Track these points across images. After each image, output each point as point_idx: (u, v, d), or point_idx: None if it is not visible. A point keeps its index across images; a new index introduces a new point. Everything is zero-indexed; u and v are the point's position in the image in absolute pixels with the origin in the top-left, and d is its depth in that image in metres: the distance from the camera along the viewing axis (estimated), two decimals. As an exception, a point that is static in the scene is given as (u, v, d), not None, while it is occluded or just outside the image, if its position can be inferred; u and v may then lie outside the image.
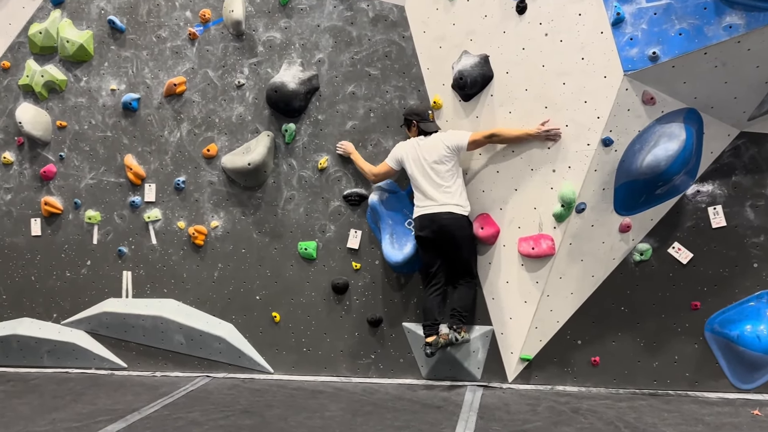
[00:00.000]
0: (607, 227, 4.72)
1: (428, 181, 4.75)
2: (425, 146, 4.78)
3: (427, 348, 4.86)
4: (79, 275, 5.91)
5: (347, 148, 5.21)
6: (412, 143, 4.87)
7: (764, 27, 3.93)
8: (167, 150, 5.69)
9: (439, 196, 4.73)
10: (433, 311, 4.90)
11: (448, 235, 4.74)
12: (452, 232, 4.74)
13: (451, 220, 4.72)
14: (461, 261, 4.88)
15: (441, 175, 4.73)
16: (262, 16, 5.42)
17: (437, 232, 4.74)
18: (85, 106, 5.82)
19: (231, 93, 5.52)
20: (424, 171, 4.76)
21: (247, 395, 5.01)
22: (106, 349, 5.85)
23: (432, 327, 4.88)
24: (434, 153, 4.74)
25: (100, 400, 4.98)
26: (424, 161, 4.76)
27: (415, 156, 4.80)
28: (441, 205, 4.72)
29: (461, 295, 4.92)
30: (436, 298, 4.91)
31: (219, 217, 5.61)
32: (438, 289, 4.93)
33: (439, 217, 4.71)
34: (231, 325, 5.62)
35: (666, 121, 4.45)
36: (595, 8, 4.38)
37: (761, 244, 4.64)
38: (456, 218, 4.73)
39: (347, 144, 5.22)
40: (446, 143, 4.72)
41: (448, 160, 4.73)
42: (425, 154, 4.76)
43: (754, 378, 4.69)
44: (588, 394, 4.81)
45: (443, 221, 4.71)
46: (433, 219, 4.73)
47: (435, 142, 4.76)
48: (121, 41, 5.73)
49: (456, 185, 4.76)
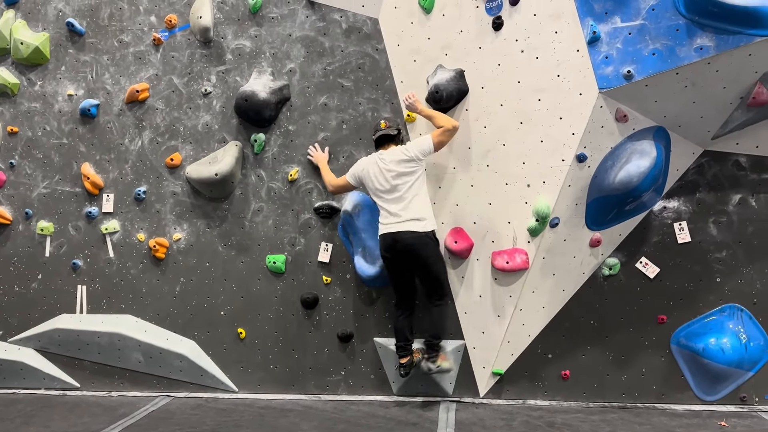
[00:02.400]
0: (579, 242, 4.79)
1: (391, 195, 4.56)
2: (388, 159, 4.60)
3: (402, 369, 4.77)
4: (29, 290, 5.58)
5: (318, 157, 5.08)
6: (373, 158, 4.70)
7: (733, 49, 4.08)
8: (127, 159, 5.45)
9: (402, 212, 4.53)
10: (403, 331, 4.80)
11: (413, 254, 4.55)
12: (416, 251, 4.54)
13: (415, 239, 4.52)
14: (430, 279, 4.69)
15: (405, 189, 4.54)
16: (231, 24, 5.29)
17: (402, 252, 4.56)
18: (39, 112, 5.53)
19: (197, 101, 5.35)
20: (388, 185, 4.56)
21: (212, 415, 4.81)
22: (57, 368, 5.53)
23: (404, 348, 4.79)
24: (399, 165, 4.56)
25: (54, 423, 4.68)
26: (387, 174, 4.57)
27: (377, 171, 4.61)
28: (404, 222, 4.52)
29: (434, 320, 4.75)
30: (406, 320, 4.81)
31: (182, 229, 5.40)
32: (407, 310, 4.83)
33: (402, 237, 4.52)
34: (193, 342, 5.40)
35: (637, 139, 4.56)
36: (572, 26, 4.46)
37: (724, 259, 4.80)
38: (419, 236, 4.52)
39: (319, 154, 5.10)
40: (411, 152, 4.54)
41: (414, 171, 4.55)
42: (388, 167, 4.58)
43: (717, 390, 4.82)
44: (560, 408, 4.83)
45: (407, 240, 4.51)
46: (396, 238, 4.53)
47: (397, 154, 4.59)
48: (79, 45, 5.48)
49: (420, 199, 4.58)
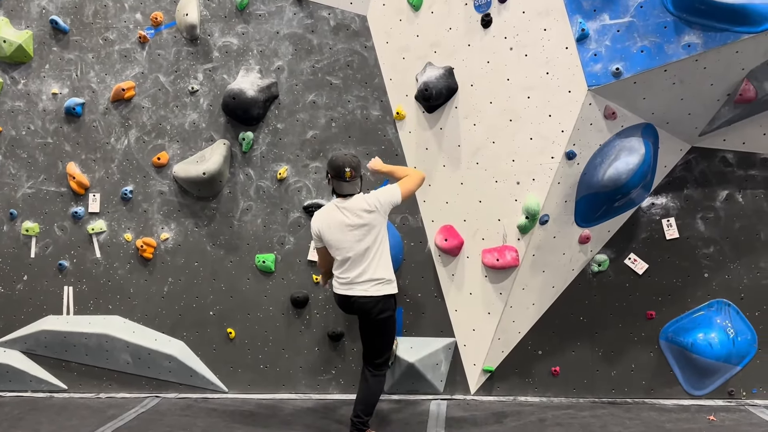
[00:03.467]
0: (568, 239, 4.81)
1: (352, 250, 4.06)
2: (349, 208, 4.09)
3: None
4: (14, 291, 5.50)
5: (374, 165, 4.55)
6: (329, 208, 4.18)
7: (720, 47, 4.10)
8: (113, 158, 5.39)
9: (362, 270, 4.06)
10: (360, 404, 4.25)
11: (367, 317, 4.13)
12: (371, 315, 4.11)
13: (371, 304, 4.07)
14: (375, 346, 4.23)
15: (368, 244, 4.06)
16: (218, 21, 5.24)
17: (355, 312, 4.18)
18: (23, 111, 5.44)
19: (184, 99, 5.30)
20: (349, 237, 4.06)
21: (203, 416, 4.78)
22: (44, 371, 5.46)
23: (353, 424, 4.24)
24: (362, 215, 4.07)
25: (42, 426, 4.62)
26: (348, 225, 4.06)
27: (338, 221, 4.09)
28: (364, 283, 4.07)
29: (367, 394, 4.22)
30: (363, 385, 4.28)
31: (170, 228, 5.35)
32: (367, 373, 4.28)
33: (358, 301, 4.09)
34: (182, 343, 5.36)
35: (625, 136, 4.58)
36: (560, 24, 4.46)
37: (711, 255, 4.84)
38: (375, 301, 4.07)
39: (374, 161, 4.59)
40: (377, 203, 4.08)
41: (378, 223, 4.09)
42: (349, 217, 4.07)
43: (705, 384, 4.87)
44: (550, 404, 4.86)
45: (363, 306, 4.09)
46: (353, 303, 4.12)
47: (359, 203, 4.10)
48: (64, 43, 5.40)
49: (383, 253, 4.13)
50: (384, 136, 5.05)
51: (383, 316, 4.11)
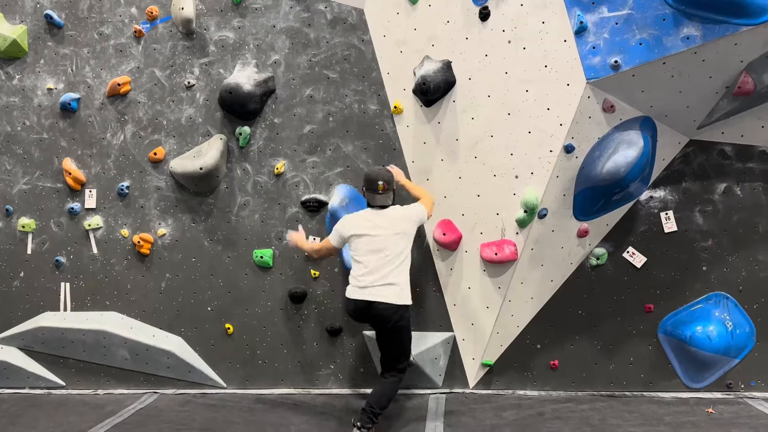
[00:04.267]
0: (567, 232, 4.80)
1: (380, 253, 4.21)
2: (384, 216, 4.32)
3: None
4: (11, 288, 5.47)
5: (294, 238, 4.78)
6: (364, 215, 4.38)
7: (719, 39, 4.09)
8: (110, 153, 5.36)
9: (384, 274, 4.18)
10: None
11: (382, 326, 4.27)
12: (386, 324, 4.23)
13: (390, 312, 4.18)
14: (392, 352, 4.35)
15: (393, 254, 4.22)
16: (214, 15, 5.21)
17: (372, 320, 4.28)
18: (18, 106, 5.40)
19: (180, 94, 5.26)
20: (379, 243, 4.23)
21: (202, 411, 4.77)
22: (41, 367, 5.44)
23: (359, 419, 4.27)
24: (396, 224, 4.29)
25: (40, 423, 4.61)
26: (381, 231, 4.25)
27: (372, 224, 4.29)
28: (385, 287, 4.18)
29: (383, 391, 4.29)
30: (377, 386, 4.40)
31: (167, 224, 5.33)
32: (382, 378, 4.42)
33: (377, 308, 4.18)
34: (180, 339, 5.34)
35: (624, 129, 4.56)
36: (559, 17, 4.44)
37: (709, 248, 4.84)
38: (394, 309, 4.18)
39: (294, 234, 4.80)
40: (411, 215, 4.36)
41: (408, 234, 4.32)
42: (383, 225, 4.28)
43: (704, 377, 4.88)
44: (549, 398, 4.86)
45: (382, 312, 4.18)
46: (369, 308, 4.20)
47: (394, 213, 4.35)
48: (59, 37, 5.36)
49: (406, 264, 4.29)
50: (382, 130, 5.03)
51: (401, 323, 4.24)
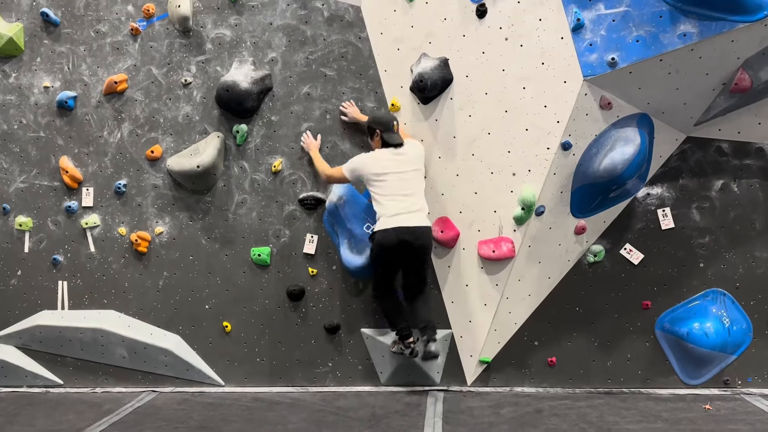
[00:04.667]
0: (564, 229, 4.80)
1: (405, 190, 4.58)
2: (404, 157, 4.62)
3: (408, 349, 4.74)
4: (9, 286, 5.46)
5: (310, 144, 5.03)
6: (385, 155, 4.63)
7: (716, 36, 4.10)
8: (107, 151, 5.34)
9: (415, 206, 4.57)
10: (405, 313, 4.80)
11: (422, 249, 4.62)
12: (425, 246, 4.63)
13: (426, 236, 4.61)
14: (423, 273, 4.79)
15: (417, 186, 4.63)
16: (211, 13, 5.19)
17: (412, 244, 4.54)
18: (14, 104, 5.39)
19: (177, 92, 5.25)
20: (404, 181, 4.58)
21: (200, 410, 4.76)
22: (39, 365, 5.42)
23: (408, 329, 4.77)
24: (415, 162, 4.65)
25: (38, 421, 4.60)
26: (403, 171, 4.59)
27: (394, 166, 4.58)
28: (415, 213, 4.56)
29: (427, 303, 4.85)
30: (402, 302, 4.84)
31: (164, 222, 5.32)
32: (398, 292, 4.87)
33: (416, 232, 4.53)
34: (178, 337, 5.34)
35: (621, 126, 4.57)
36: (556, 14, 4.44)
37: (706, 245, 4.85)
38: (428, 232, 4.64)
39: (311, 141, 5.04)
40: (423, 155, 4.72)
41: (423, 172, 4.72)
42: (405, 164, 4.60)
43: (701, 374, 4.89)
44: (547, 395, 4.87)
45: (420, 234, 4.55)
46: (412, 232, 4.52)
47: (413, 148, 4.69)
48: (55, 35, 5.34)
49: (424, 196, 4.69)
50: (379, 127, 5.02)
51: (431, 245, 4.71)
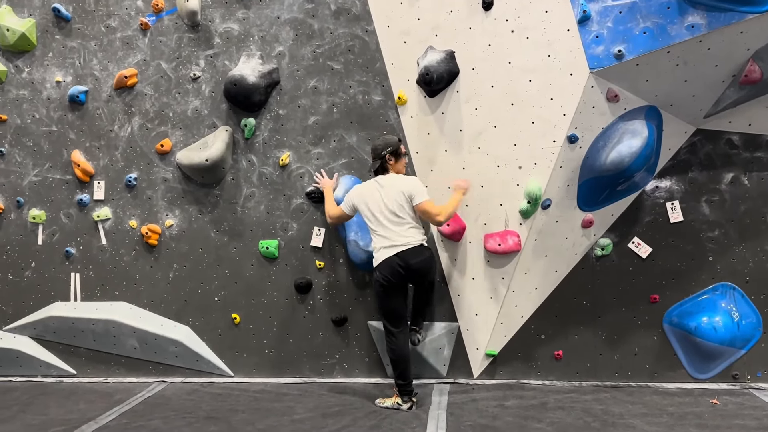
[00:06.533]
0: (571, 223, 4.78)
1: (391, 222, 4.41)
2: (388, 187, 4.44)
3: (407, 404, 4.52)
4: (23, 278, 5.57)
5: (324, 183, 4.95)
6: (371, 186, 4.51)
7: (725, 27, 4.04)
8: (117, 145, 5.41)
9: (404, 232, 4.41)
10: (409, 365, 4.57)
11: (423, 268, 4.47)
12: (425, 264, 4.47)
13: (422, 253, 4.44)
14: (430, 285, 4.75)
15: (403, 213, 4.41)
16: (219, 7, 5.22)
17: (410, 265, 4.39)
18: (27, 99, 5.47)
19: (186, 86, 5.30)
20: (388, 213, 4.41)
21: (208, 400, 4.83)
22: (53, 356, 5.54)
23: (409, 386, 4.56)
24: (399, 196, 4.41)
25: (50, 410, 4.70)
26: (386, 203, 4.41)
27: (378, 198, 4.44)
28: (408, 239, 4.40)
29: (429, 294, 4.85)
30: (407, 347, 4.62)
31: (174, 215, 5.38)
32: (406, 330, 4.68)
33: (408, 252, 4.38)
34: (188, 328, 5.41)
35: (628, 119, 4.53)
36: (562, 6, 4.40)
37: (716, 238, 4.80)
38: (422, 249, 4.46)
39: (326, 181, 4.96)
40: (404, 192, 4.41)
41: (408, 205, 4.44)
42: (389, 196, 4.42)
43: (709, 368, 4.85)
44: (553, 388, 4.86)
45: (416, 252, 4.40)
46: (404, 253, 4.37)
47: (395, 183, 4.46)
48: (66, 30, 5.41)
49: (416, 218, 4.48)
50: (386, 121, 5.03)
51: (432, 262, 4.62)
